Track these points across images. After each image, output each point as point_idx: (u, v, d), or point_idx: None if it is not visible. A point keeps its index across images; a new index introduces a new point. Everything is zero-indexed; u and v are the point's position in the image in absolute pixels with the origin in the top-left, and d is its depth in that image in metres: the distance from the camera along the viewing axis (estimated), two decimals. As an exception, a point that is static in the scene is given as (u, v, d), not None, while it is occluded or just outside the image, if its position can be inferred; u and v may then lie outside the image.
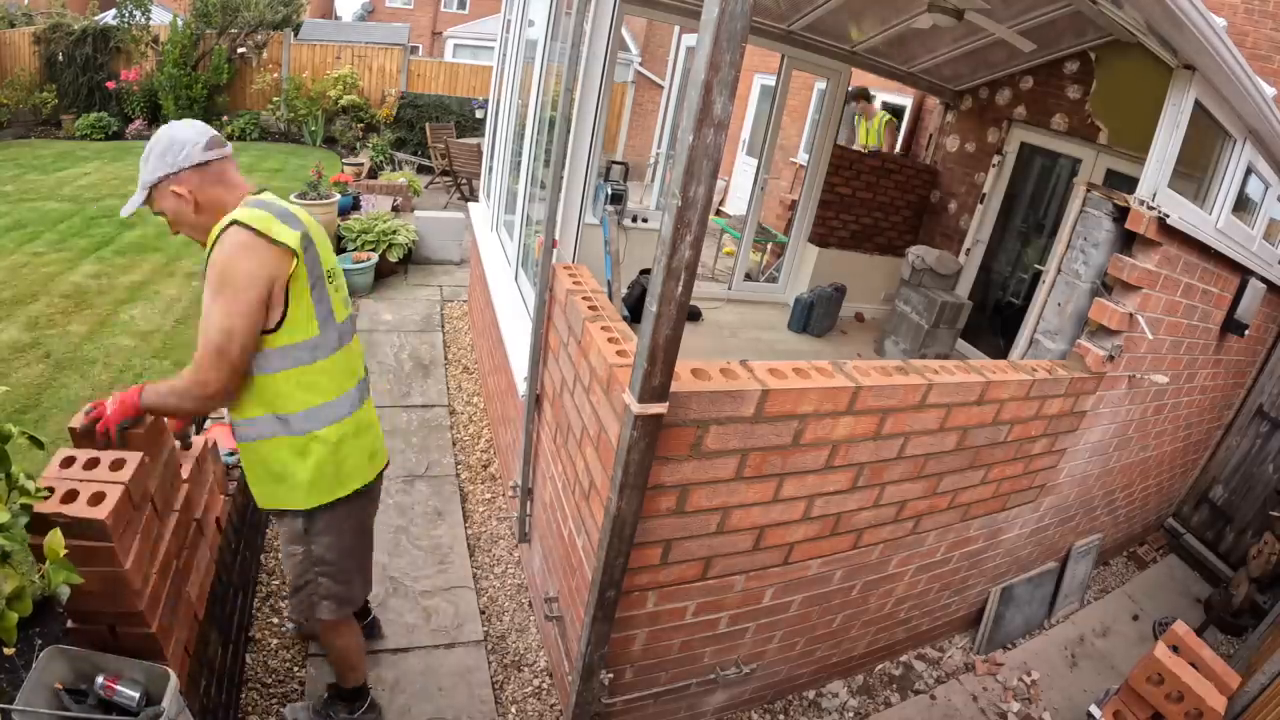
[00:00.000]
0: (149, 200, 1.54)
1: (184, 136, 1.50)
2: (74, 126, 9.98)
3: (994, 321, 5.41)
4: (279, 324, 1.50)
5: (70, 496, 1.32)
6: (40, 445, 1.28)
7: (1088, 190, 2.45)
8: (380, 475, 1.88)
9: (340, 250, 5.69)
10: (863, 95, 6.19)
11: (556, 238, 2.27)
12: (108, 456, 1.44)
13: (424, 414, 3.86)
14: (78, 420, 1.52)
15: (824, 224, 5.64)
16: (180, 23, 10.36)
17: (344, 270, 5.24)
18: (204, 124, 1.57)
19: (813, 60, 5.03)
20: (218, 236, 1.46)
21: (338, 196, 6.06)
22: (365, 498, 1.82)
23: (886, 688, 2.76)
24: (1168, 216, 2.25)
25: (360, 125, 11.22)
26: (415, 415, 3.83)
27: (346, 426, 1.68)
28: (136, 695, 1.38)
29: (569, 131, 2.19)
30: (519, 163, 3.70)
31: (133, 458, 1.44)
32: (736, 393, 1.61)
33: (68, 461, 1.42)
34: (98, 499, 1.33)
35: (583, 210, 2.34)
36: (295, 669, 2.27)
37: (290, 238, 1.49)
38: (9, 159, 8.27)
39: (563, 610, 2.19)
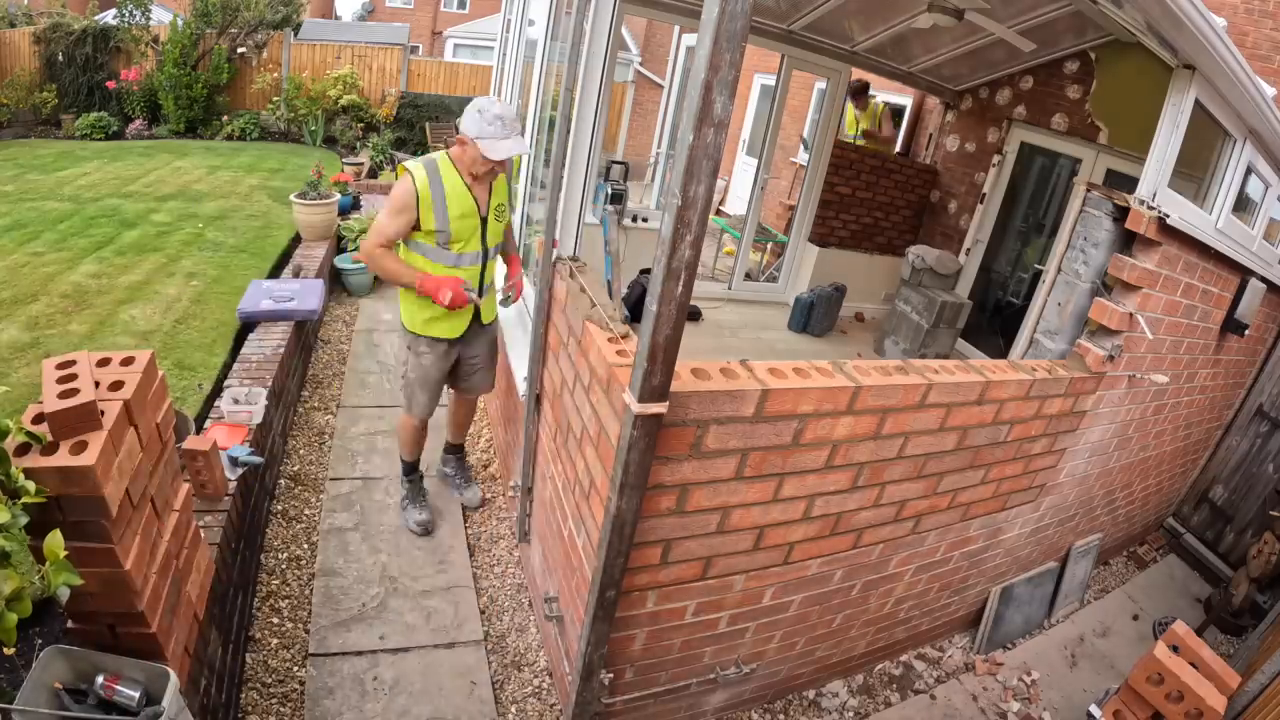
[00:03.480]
0: None
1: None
2: (74, 126, 9.97)
3: (994, 321, 5.41)
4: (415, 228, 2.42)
5: (51, 448, 1.29)
6: (40, 443, 1.28)
7: (1088, 190, 2.45)
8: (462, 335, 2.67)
9: (340, 250, 5.69)
10: (863, 90, 6.13)
11: (556, 237, 2.27)
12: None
13: (424, 414, 3.86)
14: None
15: (824, 223, 5.64)
16: (180, 22, 10.36)
17: (344, 270, 5.29)
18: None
19: (813, 60, 5.03)
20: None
21: (338, 196, 6.05)
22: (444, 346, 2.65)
23: (886, 687, 2.76)
24: (1168, 216, 2.25)
25: (360, 125, 11.22)
26: (415, 415, 3.83)
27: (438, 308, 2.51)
28: (136, 695, 1.38)
29: (569, 131, 2.18)
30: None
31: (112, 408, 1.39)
32: (736, 392, 1.61)
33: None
34: (79, 448, 1.29)
35: (583, 210, 2.34)
36: (295, 669, 2.27)
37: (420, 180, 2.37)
38: (9, 159, 8.26)
39: (563, 610, 2.19)
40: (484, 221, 2.49)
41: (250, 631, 2.36)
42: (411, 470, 2.99)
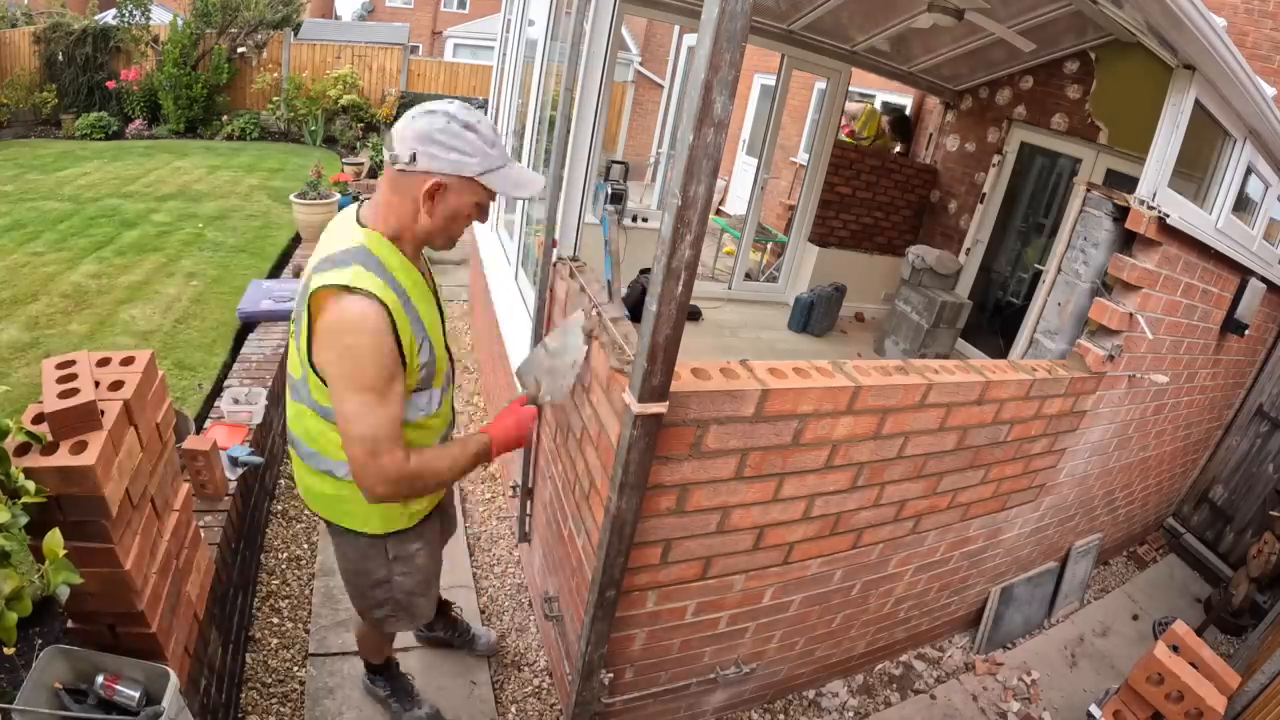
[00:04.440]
0: None
1: None
2: (74, 126, 9.98)
3: (994, 321, 5.41)
4: None
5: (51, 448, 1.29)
6: (40, 443, 1.28)
7: (1088, 190, 2.45)
8: None
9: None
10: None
11: (556, 237, 2.27)
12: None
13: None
14: None
15: (824, 223, 5.64)
16: (180, 22, 10.37)
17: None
18: None
19: (813, 60, 5.02)
20: None
21: (337, 196, 6.05)
22: None
23: (886, 687, 2.76)
24: (1168, 216, 2.25)
25: (360, 125, 11.23)
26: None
27: None
28: (136, 695, 1.38)
29: (569, 131, 2.18)
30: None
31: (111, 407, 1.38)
32: (736, 392, 1.61)
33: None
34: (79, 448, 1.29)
35: (583, 210, 2.34)
36: (295, 669, 2.27)
37: None
38: (9, 159, 8.27)
39: (563, 610, 2.19)
40: (441, 311, 1.60)
41: (250, 631, 2.36)
42: (386, 667, 2.15)
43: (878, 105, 6.34)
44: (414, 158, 1.31)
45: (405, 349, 1.37)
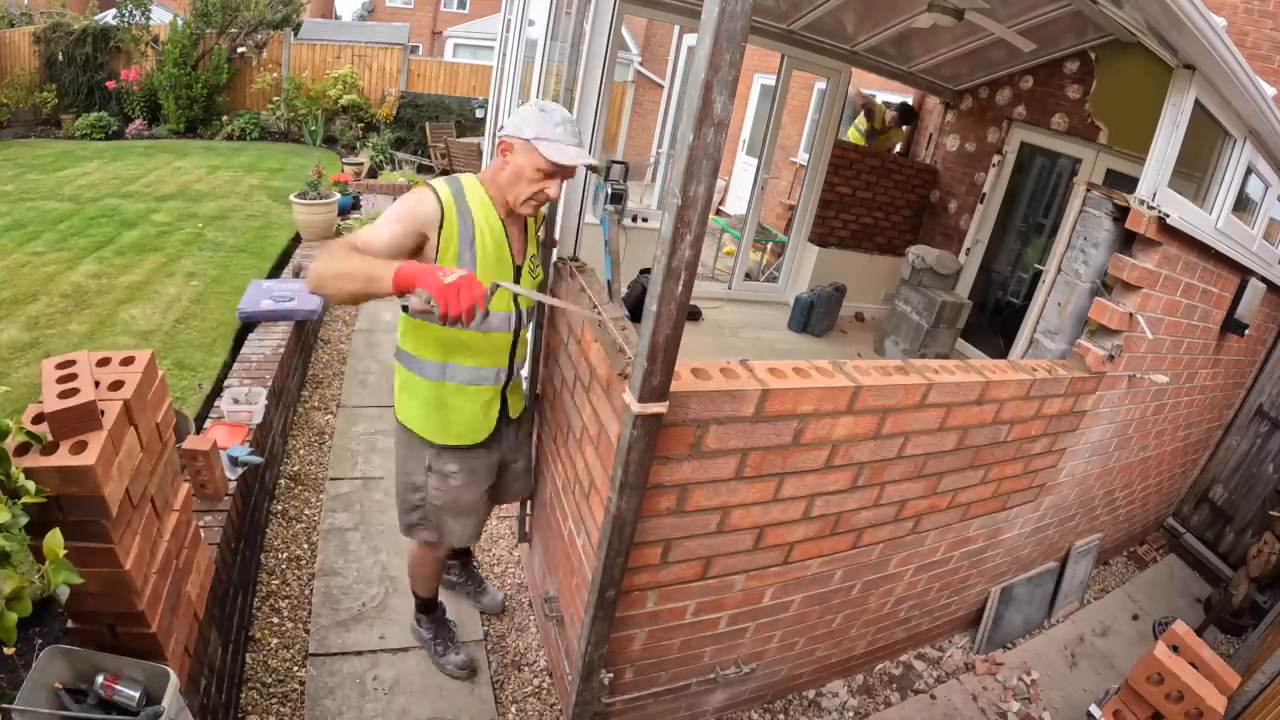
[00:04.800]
0: None
1: None
2: (74, 126, 9.98)
3: (994, 321, 5.41)
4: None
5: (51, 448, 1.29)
6: (40, 443, 1.28)
7: (1088, 190, 2.45)
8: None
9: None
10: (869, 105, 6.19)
11: (556, 237, 2.27)
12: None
13: (424, 414, 3.86)
14: None
15: (824, 223, 5.64)
16: (180, 22, 10.36)
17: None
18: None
19: (813, 60, 5.03)
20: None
21: (338, 196, 6.06)
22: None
23: (886, 687, 2.76)
24: (1168, 216, 2.25)
25: (360, 125, 11.23)
26: (415, 415, 3.83)
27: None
28: (136, 695, 1.38)
29: (569, 131, 2.18)
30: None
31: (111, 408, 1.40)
32: (736, 392, 1.61)
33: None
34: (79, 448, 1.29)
35: (583, 210, 2.34)
36: (295, 669, 2.27)
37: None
38: (9, 158, 8.26)
39: (563, 610, 2.19)
40: (518, 273, 1.84)
41: (250, 631, 2.36)
42: (431, 607, 2.36)
43: (858, 124, 6.35)
44: (502, 127, 1.73)
45: (444, 238, 1.67)
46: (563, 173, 1.72)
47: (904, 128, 6.21)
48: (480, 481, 2.06)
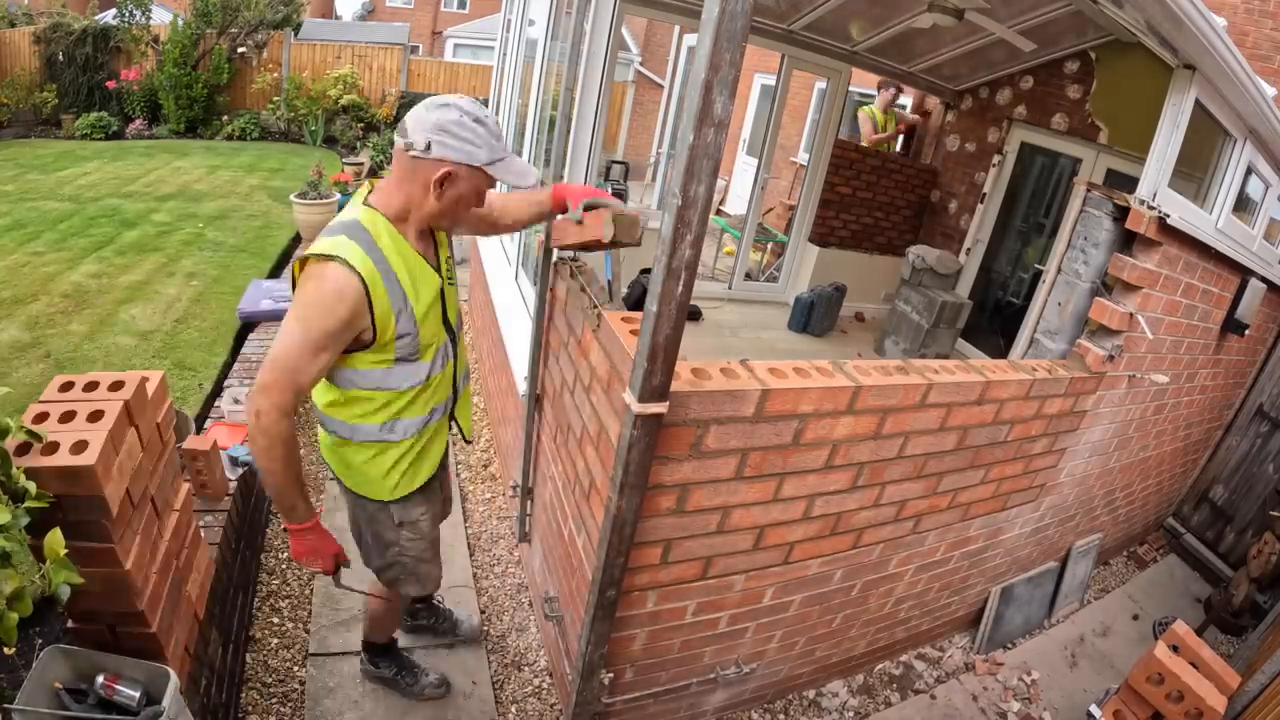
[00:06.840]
0: None
1: None
2: (74, 126, 9.99)
3: (994, 321, 5.41)
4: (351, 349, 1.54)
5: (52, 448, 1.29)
6: (40, 442, 1.28)
7: (1088, 190, 2.45)
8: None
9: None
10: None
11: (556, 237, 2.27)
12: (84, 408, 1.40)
13: (424, 414, 3.85)
14: None
15: (824, 223, 5.63)
16: (180, 22, 10.37)
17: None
18: None
19: (813, 60, 5.02)
20: None
21: (338, 196, 6.05)
22: None
23: (886, 687, 2.76)
24: (1168, 216, 2.25)
25: (360, 125, 11.24)
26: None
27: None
28: (136, 695, 1.38)
29: (569, 131, 2.18)
30: (519, 162, 3.69)
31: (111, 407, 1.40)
32: (736, 392, 1.61)
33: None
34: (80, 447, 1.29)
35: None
36: (295, 669, 2.27)
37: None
38: (9, 159, 8.27)
39: (563, 610, 2.19)
40: (441, 291, 1.62)
41: (250, 631, 2.36)
42: (388, 649, 2.23)
43: (876, 105, 6.33)
44: (429, 146, 1.39)
45: (379, 318, 1.43)
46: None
47: (900, 139, 6.23)
48: (440, 512, 1.99)
